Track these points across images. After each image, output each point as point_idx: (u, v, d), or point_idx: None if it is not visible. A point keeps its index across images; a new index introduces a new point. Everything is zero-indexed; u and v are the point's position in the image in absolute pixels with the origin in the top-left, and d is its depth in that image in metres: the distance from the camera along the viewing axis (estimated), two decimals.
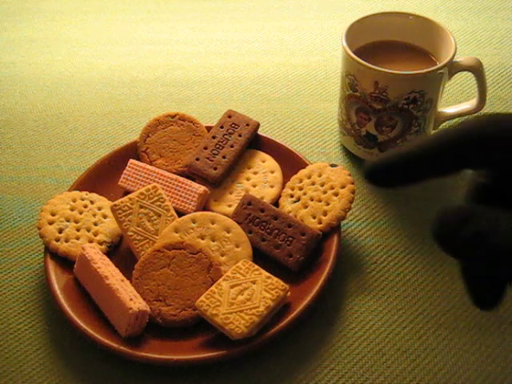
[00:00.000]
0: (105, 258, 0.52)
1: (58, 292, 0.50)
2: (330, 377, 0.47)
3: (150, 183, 0.57)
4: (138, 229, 0.53)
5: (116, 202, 0.53)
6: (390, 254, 0.55)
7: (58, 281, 0.51)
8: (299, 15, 0.85)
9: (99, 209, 0.56)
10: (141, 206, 0.53)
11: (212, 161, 0.59)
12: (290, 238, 0.52)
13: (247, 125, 0.61)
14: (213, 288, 0.48)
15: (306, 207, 0.55)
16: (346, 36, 0.57)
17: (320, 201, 0.55)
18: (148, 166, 0.58)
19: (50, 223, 0.54)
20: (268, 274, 0.49)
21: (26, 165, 0.65)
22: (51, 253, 0.53)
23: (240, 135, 0.60)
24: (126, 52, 0.80)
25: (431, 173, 0.31)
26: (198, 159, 0.59)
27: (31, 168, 0.64)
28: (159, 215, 0.54)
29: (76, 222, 0.55)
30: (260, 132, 0.62)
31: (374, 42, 0.61)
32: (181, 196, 0.56)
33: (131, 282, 0.50)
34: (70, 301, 0.50)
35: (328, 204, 0.54)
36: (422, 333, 0.49)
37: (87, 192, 0.57)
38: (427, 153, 0.30)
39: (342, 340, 0.49)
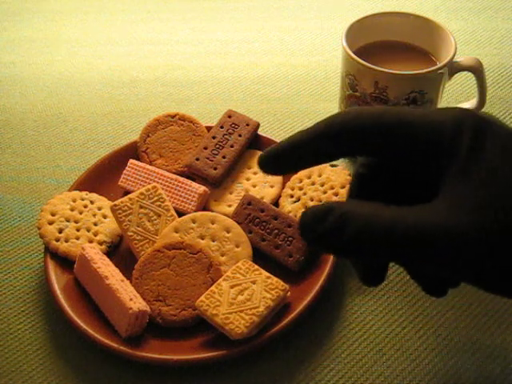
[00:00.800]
0: (105, 258, 0.52)
1: (58, 292, 0.50)
2: (330, 377, 0.47)
3: (150, 183, 0.57)
4: (138, 229, 0.53)
5: (116, 202, 0.53)
6: None
7: (58, 281, 0.51)
8: (299, 15, 0.85)
9: (99, 209, 0.56)
10: (141, 206, 0.53)
11: (212, 161, 0.59)
12: (290, 238, 0.52)
13: (247, 125, 0.61)
14: (213, 288, 0.48)
15: (306, 207, 0.55)
16: (346, 36, 0.57)
17: (320, 201, 0.55)
18: (148, 166, 0.58)
19: (50, 223, 0.54)
20: (268, 274, 0.49)
21: (26, 165, 0.65)
22: (51, 253, 0.53)
23: (240, 135, 0.60)
24: (126, 52, 0.80)
25: (313, 160, 0.36)
26: (198, 159, 0.59)
27: (31, 168, 0.64)
28: (159, 215, 0.54)
29: (76, 222, 0.55)
30: (260, 132, 0.62)
31: (374, 42, 0.61)
32: (181, 196, 0.56)
33: (131, 282, 0.50)
34: (70, 301, 0.50)
35: None
36: (422, 333, 0.49)
37: (87, 192, 0.57)
38: (308, 142, 0.35)
39: (341, 340, 0.49)
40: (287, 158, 0.36)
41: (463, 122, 0.33)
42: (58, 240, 0.53)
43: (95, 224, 0.55)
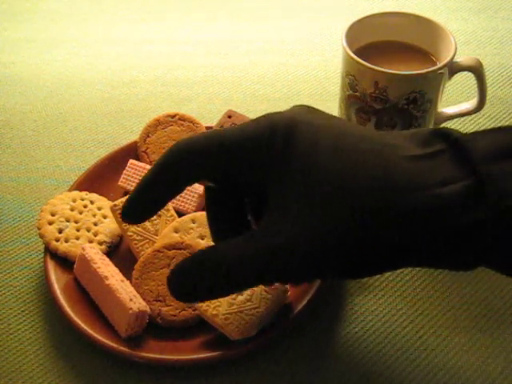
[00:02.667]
0: (105, 258, 0.52)
1: (58, 292, 0.50)
2: (330, 377, 0.47)
3: None
4: (138, 229, 0.53)
5: (116, 202, 0.53)
6: None
7: (57, 281, 0.51)
8: (299, 15, 0.85)
9: (99, 209, 0.56)
10: None
11: None
12: None
13: None
14: None
15: None
16: (346, 36, 0.57)
17: None
18: (148, 166, 0.58)
19: (50, 223, 0.54)
20: None
21: (26, 165, 0.65)
22: (51, 253, 0.53)
23: None
24: (126, 52, 0.80)
25: (166, 196, 0.38)
26: None
27: (31, 168, 0.64)
28: (159, 215, 0.54)
29: (76, 222, 0.55)
30: None
31: (374, 42, 0.61)
32: (181, 196, 0.56)
33: (131, 283, 0.50)
34: (70, 301, 0.50)
35: None
36: (422, 333, 0.49)
37: (87, 192, 0.57)
38: (152, 185, 0.37)
39: (342, 340, 0.49)
40: (143, 205, 0.38)
41: (276, 128, 0.34)
42: (57, 240, 0.53)
43: (95, 224, 0.55)
